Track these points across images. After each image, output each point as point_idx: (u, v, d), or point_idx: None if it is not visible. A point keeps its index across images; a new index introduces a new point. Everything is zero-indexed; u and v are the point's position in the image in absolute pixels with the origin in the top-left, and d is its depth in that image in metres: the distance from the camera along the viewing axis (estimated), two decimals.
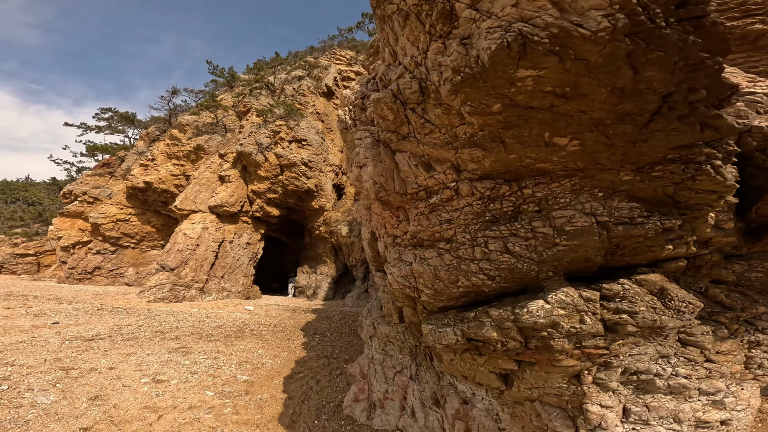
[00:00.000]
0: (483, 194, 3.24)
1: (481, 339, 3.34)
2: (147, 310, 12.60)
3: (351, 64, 31.73)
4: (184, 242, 18.03)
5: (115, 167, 25.01)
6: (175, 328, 9.84)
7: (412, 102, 3.02)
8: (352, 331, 11.44)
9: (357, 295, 19.84)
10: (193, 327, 10.11)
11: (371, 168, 3.66)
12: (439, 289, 3.55)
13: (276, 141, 21.42)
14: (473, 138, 2.87)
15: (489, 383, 3.64)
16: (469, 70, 2.33)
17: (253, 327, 10.67)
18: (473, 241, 3.34)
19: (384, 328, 5.48)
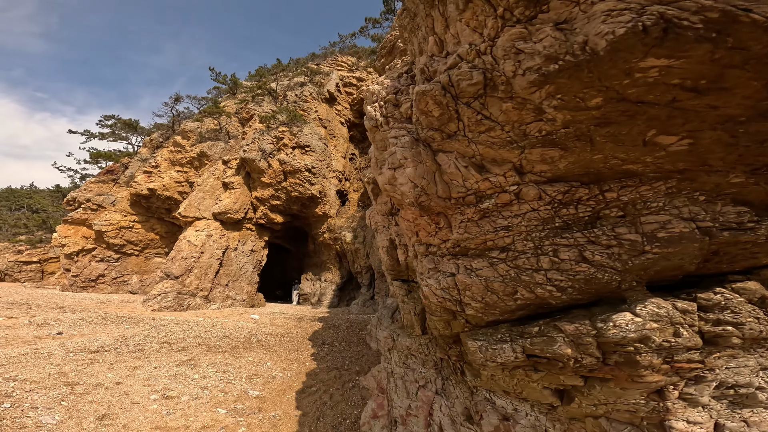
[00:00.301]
0: (553, 198, 2.97)
1: (548, 356, 3.09)
2: (152, 319, 12.35)
3: (353, 70, 31.69)
4: (188, 250, 17.80)
5: (118, 174, 24.86)
6: (182, 338, 9.59)
7: (468, 95, 2.77)
8: (360, 340, 11.18)
9: (362, 303, 19.57)
10: (200, 337, 9.86)
11: (411, 169, 3.37)
12: (492, 302, 3.29)
13: (279, 147, 21.27)
14: (550, 136, 2.62)
15: (539, 399, 3.38)
16: (571, 58, 2.09)
17: (260, 337, 10.42)
18: (538, 249, 3.08)
19: (405, 341, 5.23)
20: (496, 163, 3.07)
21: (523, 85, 2.40)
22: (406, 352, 5.18)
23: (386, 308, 11.09)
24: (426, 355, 4.79)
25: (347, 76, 30.41)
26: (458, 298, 3.48)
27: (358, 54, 34.52)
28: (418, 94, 3.06)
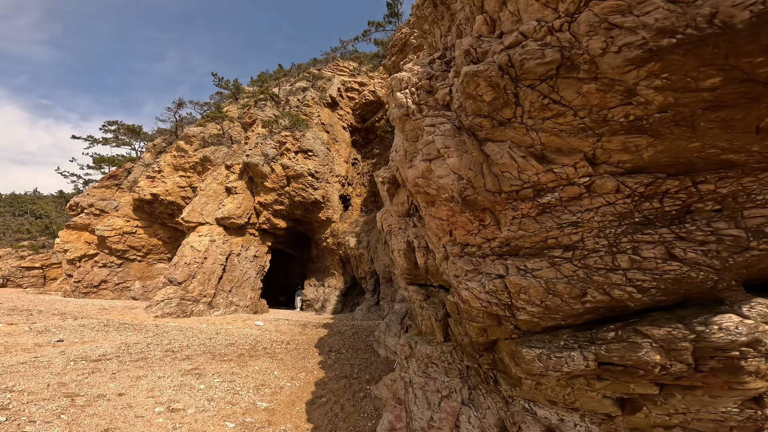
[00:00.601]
0: (634, 191, 2.68)
1: (627, 363, 2.79)
2: (155, 326, 12.04)
3: (354, 75, 31.60)
4: (191, 255, 17.53)
5: (121, 179, 24.66)
6: (186, 346, 9.28)
7: (534, 77, 2.48)
8: (367, 347, 10.86)
9: (367, 308, 19.25)
10: (205, 345, 9.55)
11: (455, 160, 3.03)
12: (554, 306, 2.98)
13: (282, 152, 21.08)
14: (639, 122, 2.33)
15: (595, 408, 3.07)
16: (694, 32, 1.85)
17: (265, 345, 10.10)
18: (613, 247, 2.78)
19: (424, 348, 4.94)
20: (562, 152, 2.77)
21: (615, 63, 2.14)
22: (426, 360, 4.88)
23: (395, 314, 10.77)
24: (449, 363, 4.50)
25: (349, 81, 30.33)
26: (508, 302, 3.16)
27: (359, 59, 34.52)
28: (467, 76, 2.75)
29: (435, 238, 3.65)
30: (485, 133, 2.99)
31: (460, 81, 2.81)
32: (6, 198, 56.45)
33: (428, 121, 3.26)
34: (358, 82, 30.21)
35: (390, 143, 28.25)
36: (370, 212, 24.31)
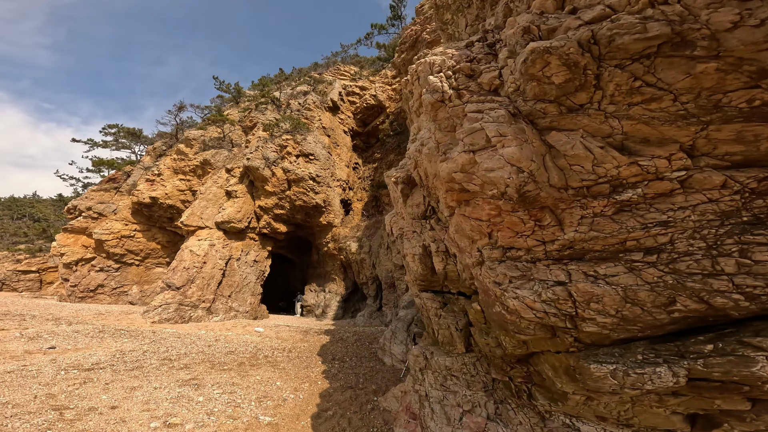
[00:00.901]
0: (745, 187, 2.33)
1: (731, 379, 2.43)
2: (152, 332, 11.60)
3: (355, 79, 31.44)
4: (190, 260, 17.11)
5: (120, 182, 24.26)
6: (184, 354, 8.85)
7: (624, 55, 2.15)
8: (371, 355, 10.45)
9: (369, 314, 18.81)
10: (203, 353, 9.12)
11: (515, 150, 2.59)
12: (632, 316, 2.60)
13: (283, 155, 20.77)
14: (766, 108, 2.03)
15: (658, 425, 2.71)
16: None
17: (266, 353, 9.67)
18: (712, 249, 2.44)
19: (442, 360, 4.56)
20: (650, 143, 2.41)
21: (752, 39, 1.82)
22: (444, 372, 4.50)
23: (400, 321, 10.35)
24: (472, 375, 4.12)
25: (350, 85, 30.14)
26: (571, 313, 2.77)
27: (360, 63, 34.43)
28: (533, 53, 2.39)
29: (466, 241, 3.27)
30: (549, 121, 2.61)
31: (523, 60, 2.44)
32: (5, 201, 55.98)
33: (473, 107, 2.87)
34: (359, 87, 30.03)
35: (392, 147, 27.98)
36: (371, 217, 23.96)
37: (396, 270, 14.42)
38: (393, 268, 15.05)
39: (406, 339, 9.18)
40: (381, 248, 17.92)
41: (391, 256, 15.64)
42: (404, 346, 9.07)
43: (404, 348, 9.01)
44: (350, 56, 37.19)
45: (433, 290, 5.02)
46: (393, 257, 14.90)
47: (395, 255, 14.68)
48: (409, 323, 9.60)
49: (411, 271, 5.17)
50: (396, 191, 5.34)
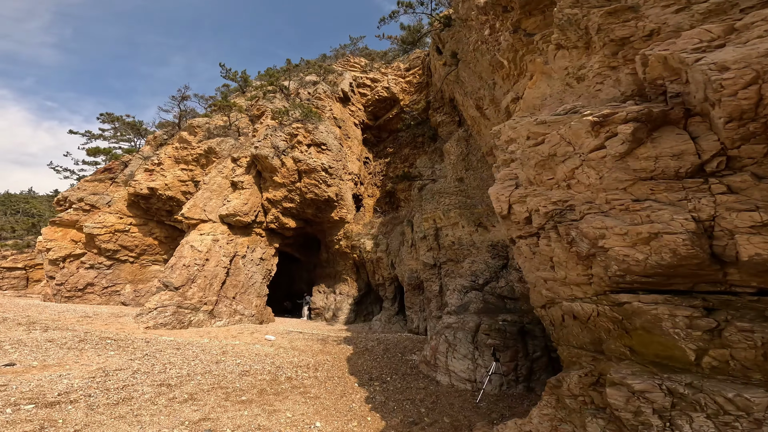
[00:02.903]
0: None
1: None
2: (145, 341, 9.50)
3: (366, 71, 29.55)
4: (191, 256, 15.00)
5: (117, 173, 22.06)
6: (186, 375, 6.79)
7: None
8: (413, 370, 8.44)
9: (387, 319, 16.78)
10: (211, 374, 7.06)
11: None
12: None
13: (293, 144, 18.75)
14: None
15: None
16: None
17: (288, 372, 7.61)
18: None
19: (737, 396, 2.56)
20: None
21: None
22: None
23: (457, 329, 8.14)
24: None
25: (360, 77, 28.25)
26: None
27: (371, 56, 32.60)
28: None
29: None
30: None
31: None
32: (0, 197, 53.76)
33: None
34: (371, 78, 28.14)
35: (406, 141, 26.01)
36: (386, 214, 21.97)
37: (426, 270, 12.43)
38: (421, 268, 13.07)
39: (473, 353, 7.20)
40: (403, 246, 15.92)
41: (418, 255, 13.67)
42: (470, 361, 7.10)
43: (470, 364, 7.05)
44: (359, 49, 35.41)
45: (669, 290, 3.07)
46: (421, 255, 12.91)
47: (424, 253, 12.70)
48: (474, 332, 7.61)
49: (666, 257, 3.10)
50: (595, 137, 3.32)
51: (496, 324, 7.46)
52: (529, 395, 6.75)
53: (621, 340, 3.51)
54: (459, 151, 14.33)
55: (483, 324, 7.57)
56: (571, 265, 3.75)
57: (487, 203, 11.51)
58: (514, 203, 4.27)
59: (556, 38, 4.66)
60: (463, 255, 10.86)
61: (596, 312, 3.69)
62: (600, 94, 3.81)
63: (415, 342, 11.75)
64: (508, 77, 7.02)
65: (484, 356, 7.07)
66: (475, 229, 11.03)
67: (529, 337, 7.40)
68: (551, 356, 7.26)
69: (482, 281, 9.74)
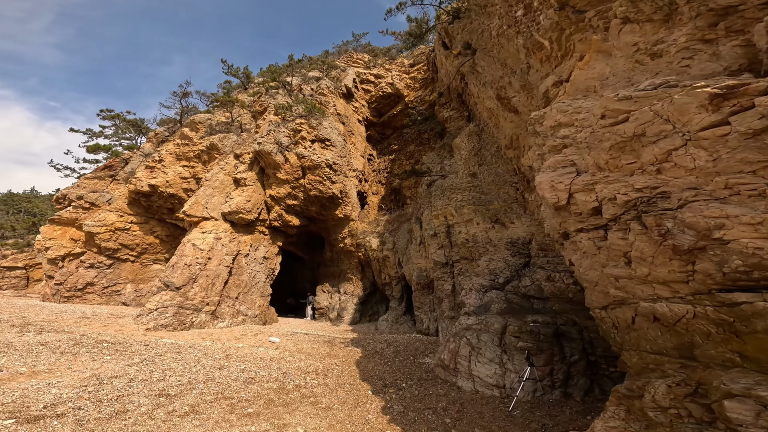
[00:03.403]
0: None
1: None
2: (144, 344, 8.96)
3: (369, 67, 28.94)
4: (193, 255, 14.46)
5: (117, 170, 21.52)
6: (188, 384, 6.24)
7: None
8: (429, 374, 7.88)
9: (394, 319, 16.22)
10: (214, 381, 6.51)
11: None
12: None
13: (297, 140, 18.19)
14: None
15: None
16: None
17: (296, 379, 7.05)
18: None
19: None
20: None
21: None
22: None
23: (484, 332, 7.41)
24: None
25: (364, 73, 27.64)
26: None
27: (374, 52, 31.99)
28: None
29: None
30: None
31: None
32: (1, 197, 53.58)
33: None
34: (374, 74, 27.54)
35: (411, 137, 25.42)
36: (391, 211, 21.39)
37: (437, 268, 11.86)
38: (431, 267, 12.50)
39: (501, 356, 6.64)
40: (410, 244, 15.35)
41: (427, 253, 13.10)
42: (497, 365, 6.55)
43: (497, 369, 6.49)
44: (362, 45, 34.84)
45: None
46: (431, 253, 12.33)
47: (435, 251, 12.12)
48: (500, 335, 7.04)
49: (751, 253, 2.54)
50: (713, 112, 2.74)
51: (526, 325, 6.89)
52: (567, 401, 6.20)
53: (726, 345, 2.95)
54: (471, 146, 13.75)
55: (510, 325, 6.99)
56: (660, 260, 3.20)
57: (504, 199, 10.92)
58: (577, 192, 3.71)
59: (623, 11, 4.10)
60: (478, 253, 10.29)
61: (691, 313, 3.12)
62: (690, 70, 3.26)
63: (426, 344, 11.18)
64: (548, 59, 6.46)
65: (514, 360, 6.51)
66: (491, 226, 10.45)
67: (565, 339, 6.82)
68: (589, 360, 6.70)
69: (502, 280, 9.17)
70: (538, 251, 9.10)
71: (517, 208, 10.45)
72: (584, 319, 6.93)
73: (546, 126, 4.12)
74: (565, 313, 7.40)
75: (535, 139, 4.50)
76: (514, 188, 10.94)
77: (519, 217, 10.16)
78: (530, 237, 9.64)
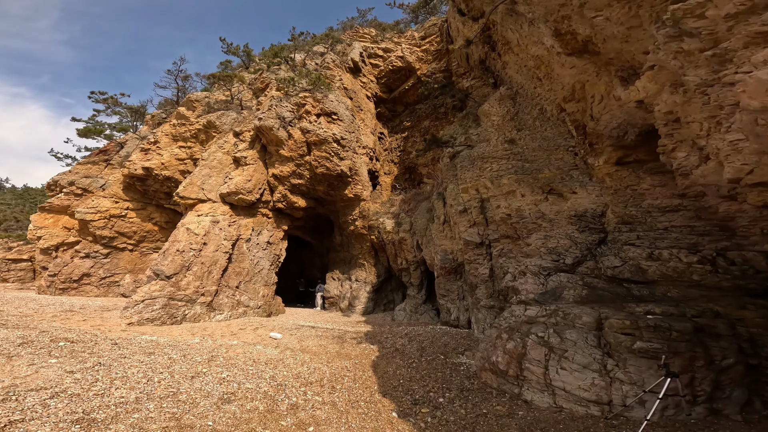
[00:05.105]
0: None
1: None
2: (113, 343, 7.16)
3: (377, 41, 26.47)
4: (186, 240, 12.65)
5: (112, 155, 19.85)
6: (133, 402, 4.31)
7: None
8: (473, 383, 5.86)
9: (413, 308, 14.22)
10: (175, 396, 4.60)
11: None
12: None
13: (301, 115, 16.12)
14: None
15: None
16: None
17: (293, 395, 5.04)
18: None
19: None
20: None
21: None
22: None
23: (568, 327, 5.14)
24: None
25: (371, 47, 25.19)
26: None
27: (381, 27, 29.51)
28: None
29: None
30: None
31: None
32: (18, 192, 53.60)
33: None
34: (383, 48, 25.07)
35: (426, 113, 22.96)
36: (407, 191, 19.24)
37: (468, 250, 9.73)
38: (460, 248, 10.40)
39: (602, 360, 4.51)
40: (431, 224, 13.22)
41: (454, 233, 10.98)
42: (595, 373, 4.47)
43: (597, 378, 4.41)
44: (368, 21, 32.38)
45: None
46: (461, 232, 10.19)
47: (465, 229, 9.98)
48: (596, 330, 4.89)
49: None
50: None
51: (642, 319, 4.74)
52: (716, 421, 4.15)
53: None
54: (504, 111, 11.48)
55: (611, 318, 4.85)
56: None
57: (558, 166, 8.64)
58: None
59: None
60: (526, 230, 8.14)
61: None
62: None
63: (456, 338, 9.14)
64: None
65: (628, 366, 4.41)
66: (543, 198, 8.25)
67: (710, 337, 4.63)
68: (748, 363, 4.57)
69: (571, 260, 7.02)
70: (618, 225, 6.92)
71: (579, 176, 8.19)
72: (733, 309, 4.80)
73: None
74: (694, 300, 5.27)
75: (682, 43, 2.50)
76: (570, 153, 8.66)
77: (583, 186, 7.92)
78: (602, 208, 7.44)
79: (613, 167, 8.09)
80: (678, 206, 6.37)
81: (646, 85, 5.32)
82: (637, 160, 7.86)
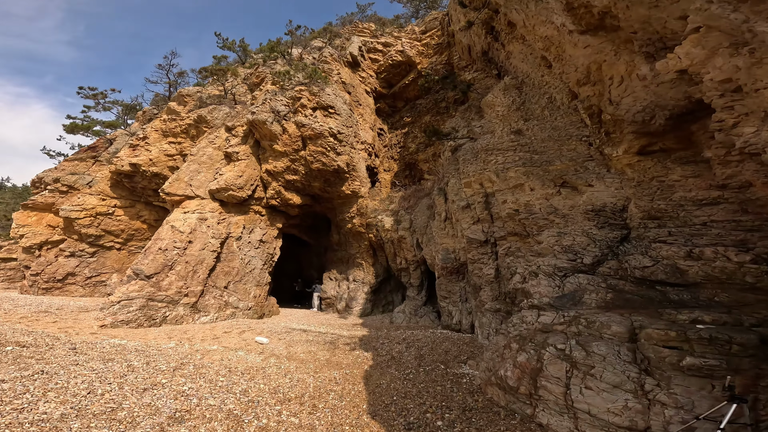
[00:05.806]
0: None
1: None
2: (71, 348, 6.32)
3: (376, 36, 25.71)
4: (170, 238, 11.82)
5: (100, 151, 19.09)
6: (58, 420, 3.47)
7: None
8: (477, 400, 4.99)
9: (412, 310, 13.33)
10: (110, 414, 3.75)
11: None
12: None
13: (296, 109, 15.32)
14: None
15: None
16: None
17: (264, 416, 4.08)
18: None
19: None
20: None
21: None
22: None
23: (595, 339, 3.70)
24: None
25: (371, 42, 24.43)
26: None
27: (381, 22, 28.80)
28: None
29: None
30: None
31: None
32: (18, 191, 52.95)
33: None
34: (382, 43, 24.29)
35: (426, 107, 22.14)
36: (407, 187, 18.39)
37: (471, 248, 8.85)
38: (462, 247, 9.54)
39: (639, 379, 3.59)
40: (432, 221, 12.35)
41: (456, 230, 10.12)
42: (630, 394, 3.51)
43: (632, 400, 3.48)
44: (367, 16, 31.67)
45: None
46: (463, 230, 9.32)
47: (468, 226, 9.11)
48: (630, 342, 3.97)
49: None
50: None
51: (691, 329, 3.82)
52: None
53: None
54: (509, 101, 10.65)
55: (650, 328, 3.94)
56: None
57: (570, 157, 7.75)
58: None
59: None
60: (537, 227, 7.26)
61: None
62: None
63: (458, 344, 8.25)
64: None
65: (672, 387, 3.51)
66: (556, 191, 7.37)
67: None
68: None
69: (590, 260, 6.10)
70: (643, 220, 6.04)
71: (596, 167, 7.30)
72: None
73: None
74: (749, 306, 4.38)
75: None
76: (584, 143, 7.79)
77: (600, 178, 7.03)
78: (623, 202, 6.56)
79: (635, 157, 7.21)
80: (717, 198, 5.49)
81: (690, 51, 4.44)
82: (664, 149, 6.96)
